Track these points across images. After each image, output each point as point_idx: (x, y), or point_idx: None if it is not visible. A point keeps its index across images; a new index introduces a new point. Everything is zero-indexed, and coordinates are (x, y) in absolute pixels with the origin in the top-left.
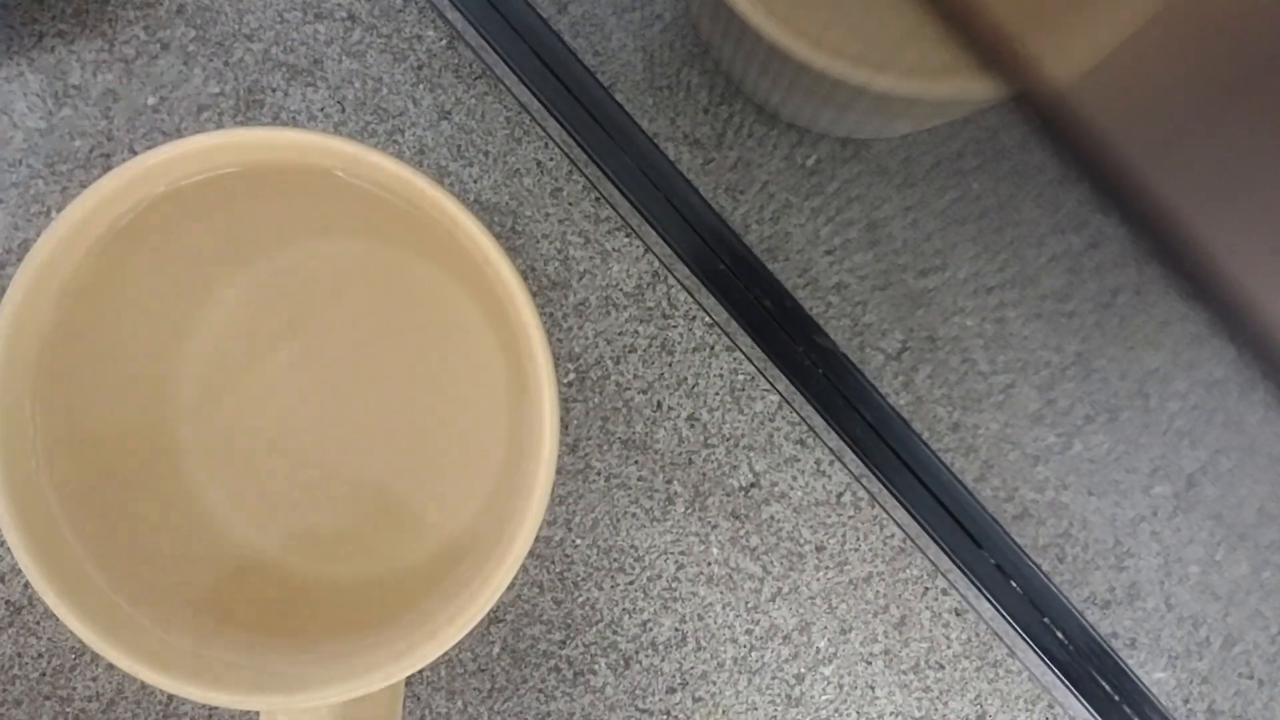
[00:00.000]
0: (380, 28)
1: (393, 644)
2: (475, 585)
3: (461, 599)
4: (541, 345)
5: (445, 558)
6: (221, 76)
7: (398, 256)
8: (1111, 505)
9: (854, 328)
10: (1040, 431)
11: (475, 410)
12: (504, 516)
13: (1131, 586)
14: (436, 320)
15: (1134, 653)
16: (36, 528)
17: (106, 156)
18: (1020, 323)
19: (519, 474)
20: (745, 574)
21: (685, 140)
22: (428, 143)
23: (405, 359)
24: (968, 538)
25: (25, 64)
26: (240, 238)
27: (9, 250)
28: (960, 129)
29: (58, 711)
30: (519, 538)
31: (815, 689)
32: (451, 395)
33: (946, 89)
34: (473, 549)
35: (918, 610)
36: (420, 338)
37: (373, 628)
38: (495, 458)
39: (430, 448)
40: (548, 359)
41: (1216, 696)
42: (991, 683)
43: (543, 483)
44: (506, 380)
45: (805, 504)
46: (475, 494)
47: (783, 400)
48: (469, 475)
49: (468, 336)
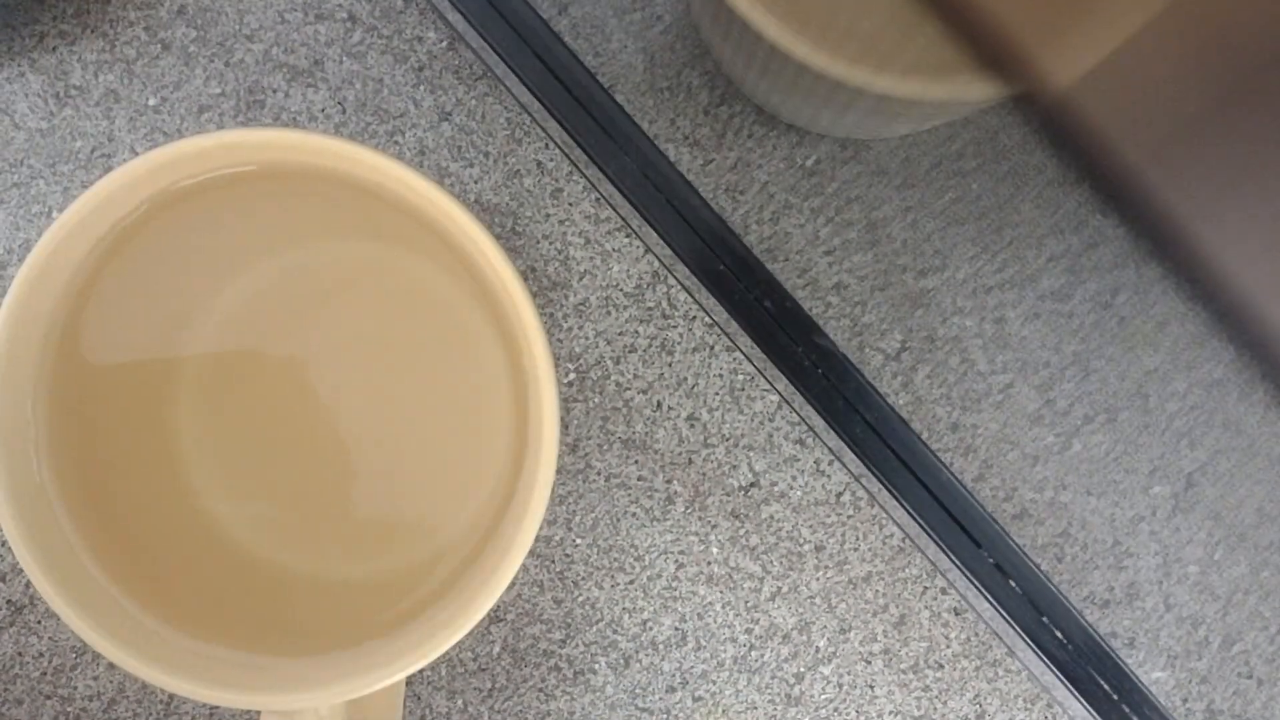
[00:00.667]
0: (381, 29)
1: (393, 643)
2: (475, 585)
3: (462, 598)
4: (541, 345)
5: (445, 557)
6: (222, 77)
7: (399, 257)
8: (1110, 505)
9: (853, 328)
10: (1039, 431)
11: (476, 410)
12: (504, 516)
13: (1130, 586)
14: (437, 320)
15: (1133, 652)
16: (38, 527)
17: (108, 157)
18: (1019, 323)
19: (519, 474)
20: (745, 573)
21: (685, 141)
22: (428, 144)
23: (406, 359)
24: (967, 537)
25: (27, 64)
26: (242, 239)
27: (10, 250)
28: (960, 130)
29: (59, 711)
30: (519, 537)
31: (815, 688)
32: (452, 395)
33: (946, 89)
34: (473, 549)
35: (917, 610)
36: (421, 338)
37: (373, 627)
38: (495, 457)
39: (430, 447)
40: (548, 359)
41: (1215, 696)
42: (990, 682)
43: (543, 482)
44: (507, 380)
45: (805, 504)
46: (476, 493)
47: (782, 400)
48: (469, 475)
49: (468, 337)
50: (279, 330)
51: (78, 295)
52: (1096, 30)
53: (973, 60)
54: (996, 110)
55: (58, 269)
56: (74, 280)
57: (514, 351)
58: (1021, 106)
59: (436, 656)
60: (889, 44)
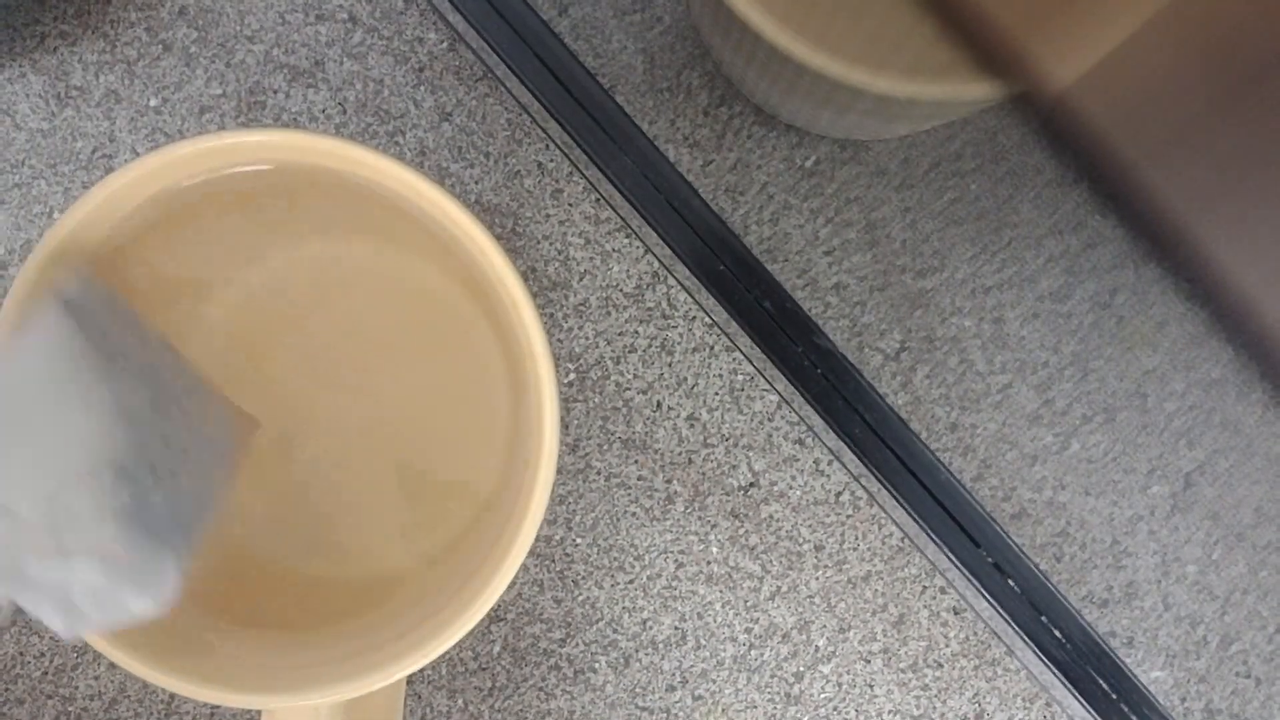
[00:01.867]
0: (381, 30)
1: (393, 643)
2: (476, 584)
3: (462, 598)
4: (542, 345)
5: (446, 557)
6: (223, 78)
7: (399, 256)
8: (1109, 505)
9: (853, 328)
10: (1038, 431)
11: (475, 409)
12: (504, 516)
13: (1129, 585)
14: (437, 320)
15: (1132, 651)
16: None
17: (108, 158)
18: (1018, 323)
19: (519, 473)
20: (744, 573)
21: (685, 142)
22: (429, 144)
23: (404, 359)
24: (966, 537)
25: (28, 65)
26: (245, 237)
27: (11, 250)
28: (959, 130)
29: (60, 711)
30: (519, 538)
31: (814, 687)
32: (452, 394)
33: (944, 89)
34: (473, 548)
35: (916, 609)
36: (421, 337)
37: (373, 627)
38: (495, 457)
39: (431, 446)
40: (548, 359)
41: (1214, 695)
42: (989, 681)
43: (543, 482)
44: (507, 379)
45: (804, 503)
46: (476, 493)
47: (782, 400)
48: (469, 474)
49: (468, 336)
50: (282, 327)
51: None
52: (1094, 29)
53: (971, 60)
54: (995, 111)
55: (60, 267)
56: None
57: (514, 351)
58: (1020, 107)
59: (437, 656)
60: (888, 44)
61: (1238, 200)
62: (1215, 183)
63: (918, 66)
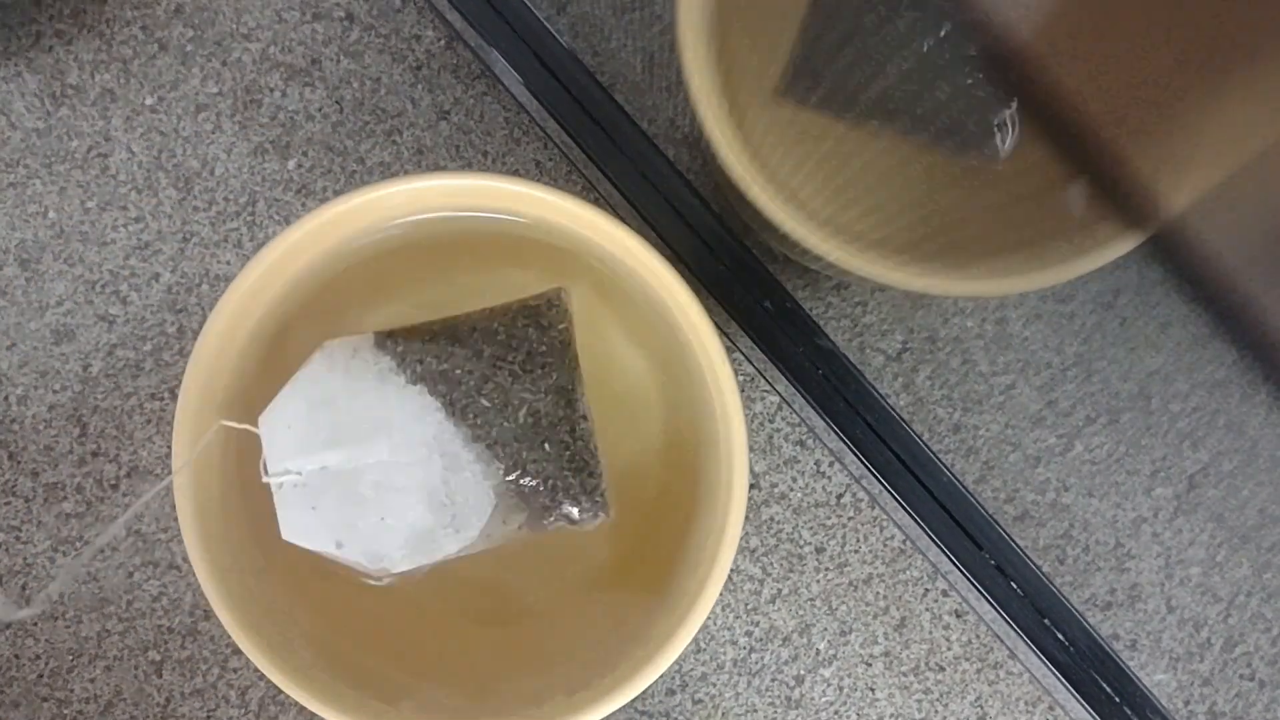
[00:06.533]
0: (379, 28)
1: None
2: (659, 637)
3: (650, 645)
4: (736, 407)
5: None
6: (219, 76)
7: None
8: (1112, 507)
9: (854, 328)
10: (1041, 433)
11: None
12: (693, 563)
13: (1132, 588)
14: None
15: (1135, 654)
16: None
17: (104, 156)
18: (1021, 324)
19: (701, 517)
20: (745, 575)
21: (685, 141)
22: (426, 143)
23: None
24: (968, 539)
25: (23, 64)
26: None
27: (6, 250)
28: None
29: (55, 713)
30: (698, 605)
31: (815, 691)
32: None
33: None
34: (655, 601)
35: (918, 612)
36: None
37: (545, 688)
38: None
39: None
40: (740, 422)
41: (1217, 698)
42: (992, 684)
43: (733, 527)
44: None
45: (805, 505)
46: (642, 542)
47: (782, 401)
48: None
49: (626, 375)
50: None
51: (256, 338)
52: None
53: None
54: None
55: (247, 314)
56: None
57: (688, 398)
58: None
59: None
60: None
61: (1239, 199)
62: (1214, 181)
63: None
